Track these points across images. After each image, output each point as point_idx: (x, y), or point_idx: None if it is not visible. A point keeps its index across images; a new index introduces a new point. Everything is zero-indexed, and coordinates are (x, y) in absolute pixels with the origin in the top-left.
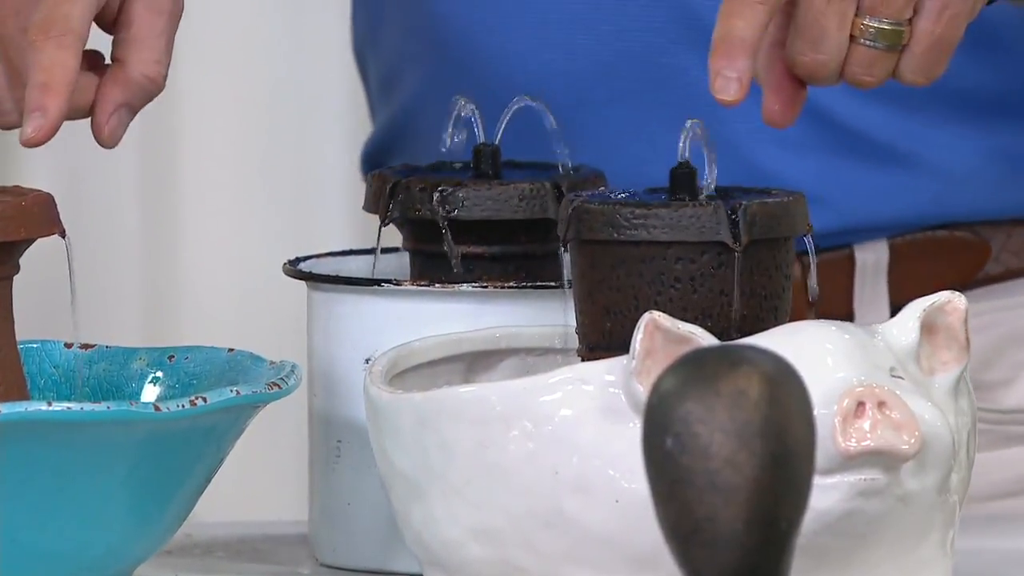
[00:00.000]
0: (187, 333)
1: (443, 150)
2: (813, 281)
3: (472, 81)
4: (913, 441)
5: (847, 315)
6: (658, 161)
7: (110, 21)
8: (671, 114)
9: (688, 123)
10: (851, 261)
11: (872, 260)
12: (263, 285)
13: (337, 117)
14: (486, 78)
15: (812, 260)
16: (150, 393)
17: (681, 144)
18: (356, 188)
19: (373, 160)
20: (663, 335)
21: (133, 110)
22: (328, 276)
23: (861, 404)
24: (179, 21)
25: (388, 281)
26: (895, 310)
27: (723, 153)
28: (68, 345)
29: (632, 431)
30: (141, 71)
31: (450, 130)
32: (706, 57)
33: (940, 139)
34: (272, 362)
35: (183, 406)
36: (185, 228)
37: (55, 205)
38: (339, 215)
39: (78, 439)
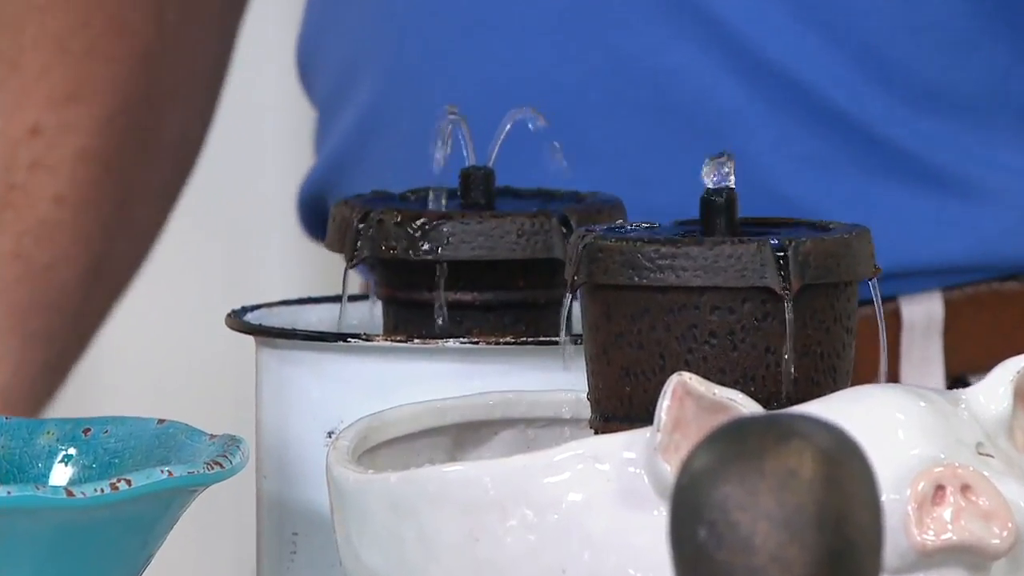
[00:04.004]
0: (106, 400)
1: (435, 170)
2: (882, 335)
3: (436, 92)
4: (1005, 534)
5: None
6: (661, 185)
7: None
8: (675, 127)
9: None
10: (896, 318)
11: (922, 317)
12: (200, 340)
13: (285, 136)
14: (453, 88)
15: (878, 309)
16: (61, 475)
17: (707, 168)
18: None
19: (313, 201)
20: (695, 402)
21: None
22: (282, 330)
23: (941, 488)
24: None
25: (356, 336)
26: (952, 380)
27: (738, 173)
28: None
29: (657, 520)
30: None
31: (440, 145)
32: (716, 56)
33: (1009, 161)
34: (212, 436)
35: (102, 491)
36: None
37: None
38: (294, 254)
39: None
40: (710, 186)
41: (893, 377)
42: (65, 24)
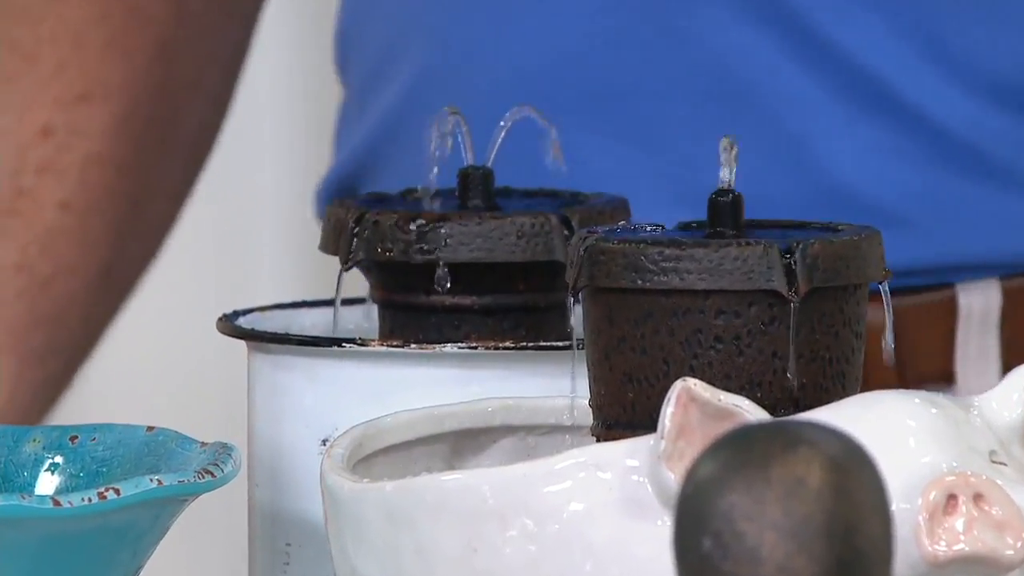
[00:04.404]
0: (94, 407)
1: (432, 172)
2: (889, 340)
3: (478, 74)
4: (1019, 545)
5: (945, 377)
6: (714, 170)
7: None
8: (733, 111)
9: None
10: (952, 307)
11: (980, 306)
12: (191, 345)
13: (278, 136)
14: (496, 69)
15: (888, 314)
16: (47, 484)
17: (725, 153)
18: (309, 222)
19: (342, 192)
20: (700, 408)
21: None
22: (274, 334)
23: (953, 497)
24: None
25: (351, 341)
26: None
27: (792, 162)
28: None
29: (660, 530)
30: None
31: (433, 146)
32: (778, 39)
33: None
34: (203, 443)
35: (89, 500)
36: None
37: None
38: (287, 256)
39: None
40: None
41: (948, 367)
42: (84, 16)
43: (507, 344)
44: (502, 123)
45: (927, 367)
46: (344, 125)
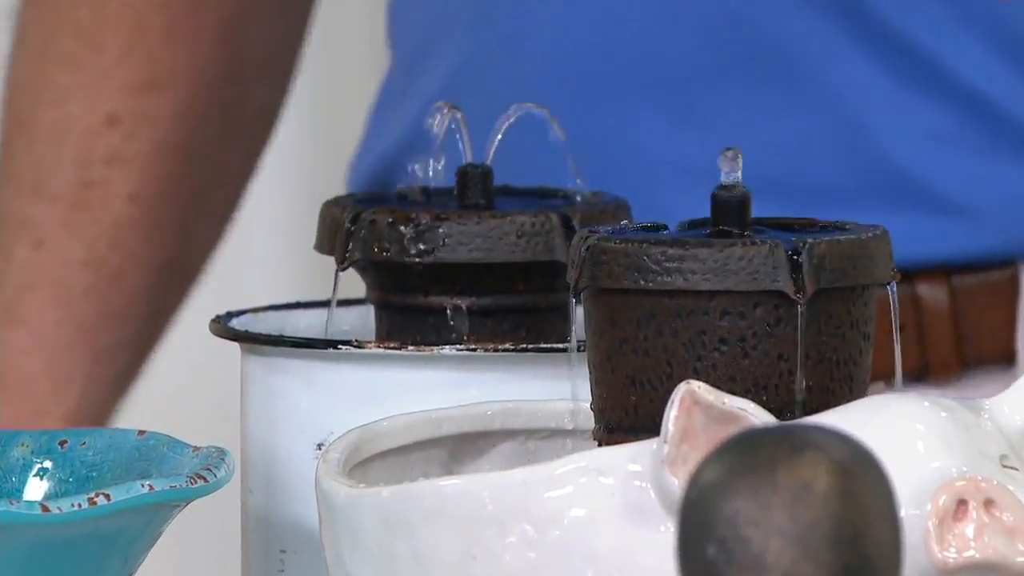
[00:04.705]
0: None
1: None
2: (897, 343)
3: (527, 53)
4: None
5: (1006, 357)
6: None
7: None
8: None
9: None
10: (1015, 286)
11: None
12: (183, 347)
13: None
14: (547, 49)
15: (895, 317)
16: (36, 489)
17: (728, 163)
18: (303, 220)
19: (373, 180)
20: (704, 412)
21: None
22: (269, 336)
23: (963, 503)
24: None
25: (347, 343)
26: None
27: (850, 147)
28: None
29: (664, 537)
30: None
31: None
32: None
33: None
34: (195, 448)
35: (79, 506)
36: None
37: None
38: (281, 256)
39: None
40: (724, 180)
41: (1009, 346)
42: (145, 0)
43: (506, 346)
44: (501, 120)
45: (988, 347)
46: (385, 102)
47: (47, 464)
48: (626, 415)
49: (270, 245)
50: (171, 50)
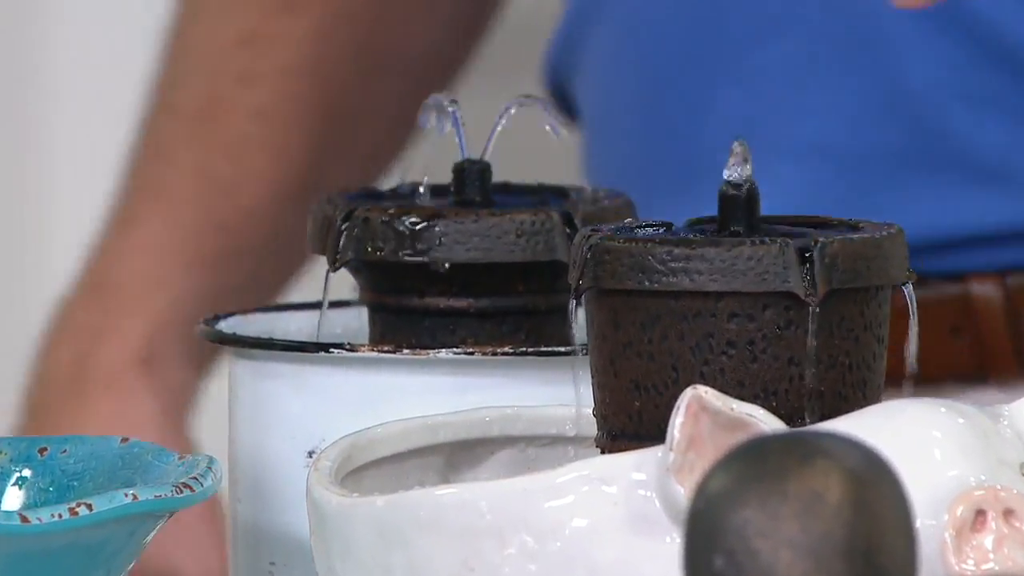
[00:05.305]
0: None
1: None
2: (912, 347)
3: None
4: None
5: None
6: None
7: None
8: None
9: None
10: None
11: None
12: None
13: None
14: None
15: (912, 319)
16: (14, 498)
17: (736, 156)
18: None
19: (564, 51)
20: (711, 418)
21: None
22: (258, 339)
23: (981, 513)
24: None
25: (339, 346)
26: None
27: (895, 111)
28: None
29: (669, 548)
30: None
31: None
32: None
33: None
34: (181, 455)
35: (60, 516)
36: (57, 280)
37: None
38: None
39: None
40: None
41: None
42: None
43: (506, 349)
44: (500, 116)
45: None
46: None
47: (26, 473)
48: (630, 421)
49: None
50: None
